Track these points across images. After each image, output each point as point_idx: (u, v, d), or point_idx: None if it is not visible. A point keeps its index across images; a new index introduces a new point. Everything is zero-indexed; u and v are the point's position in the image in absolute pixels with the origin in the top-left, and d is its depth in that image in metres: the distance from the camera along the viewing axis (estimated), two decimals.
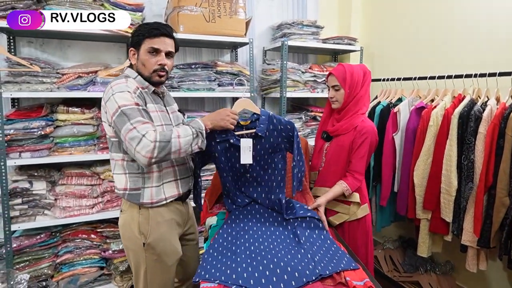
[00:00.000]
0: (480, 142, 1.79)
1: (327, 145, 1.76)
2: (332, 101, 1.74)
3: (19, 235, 2.11)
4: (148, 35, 1.35)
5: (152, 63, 1.37)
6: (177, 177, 1.47)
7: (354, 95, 1.67)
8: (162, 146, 1.22)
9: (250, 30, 2.65)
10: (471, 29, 2.18)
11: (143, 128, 1.22)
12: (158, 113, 1.40)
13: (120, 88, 1.30)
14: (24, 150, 2.01)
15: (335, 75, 1.67)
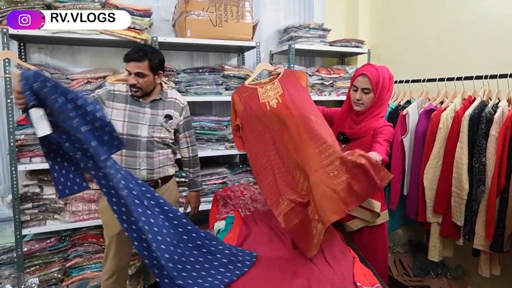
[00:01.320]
0: (492, 145, 1.76)
1: (344, 147, 1.65)
2: (356, 103, 1.60)
3: (29, 239, 2.14)
4: (124, 60, 1.71)
5: (126, 80, 1.74)
6: (122, 165, 1.66)
7: (380, 100, 1.58)
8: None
9: (257, 33, 2.66)
10: (481, 29, 2.15)
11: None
12: (126, 111, 1.73)
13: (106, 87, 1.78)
14: (34, 155, 2.04)
15: (369, 77, 1.54)
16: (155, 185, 1.80)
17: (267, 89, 1.64)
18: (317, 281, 1.17)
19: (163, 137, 1.79)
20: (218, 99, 2.42)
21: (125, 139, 1.70)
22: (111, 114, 1.70)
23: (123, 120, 1.72)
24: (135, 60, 1.68)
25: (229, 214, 1.78)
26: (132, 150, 1.73)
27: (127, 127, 1.71)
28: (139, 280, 2.32)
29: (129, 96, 1.75)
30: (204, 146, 2.45)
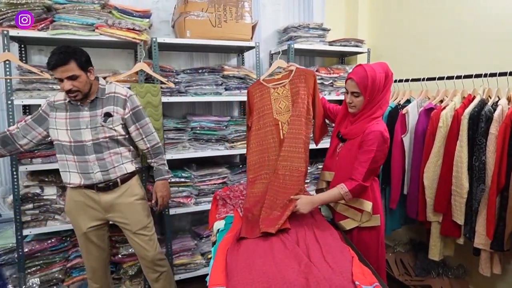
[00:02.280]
0: (492, 143, 1.75)
1: (340, 145, 1.69)
2: (349, 106, 1.63)
3: (30, 240, 2.15)
4: (49, 68, 1.62)
5: (61, 88, 1.66)
6: (78, 171, 1.74)
7: (373, 102, 1.57)
8: None
9: (257, 34, 2.66)
10: (480, 28, 2.15)
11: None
12: (67, 120, 1.72)
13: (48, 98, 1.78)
14: (35, 156, 2.05)
15: (355, 81, 1.54)
16: (114, 185, 1.79)
17: (279, 94, 1.83)
18: (316, 280, 1.17)
19: (109, 137, 1.73)
20: (218, 99, 2.42)
21: (73, 146, 1.71)
22: (55, 124, 1.71)
23: (66, 129, 1.71)
24: (61, 65, 1.58)
25: (229, 214, 1.78)
26: (82, 155, 1.72)
27: (71, 134, 1.70)
28: (140, 280, 2.32)
29: (67, 103, 1.72)
30: (204, 146, 2.45)
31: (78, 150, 1.72)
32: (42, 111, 1.74)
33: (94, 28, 2.07)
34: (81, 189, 1.77)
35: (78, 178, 1.75)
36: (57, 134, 1.72)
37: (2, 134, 1.72)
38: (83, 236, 1.83)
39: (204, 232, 2.55)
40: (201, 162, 2.56)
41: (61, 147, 1.73)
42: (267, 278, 1.19)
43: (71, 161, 1.73)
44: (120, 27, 2.09)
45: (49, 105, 1.74)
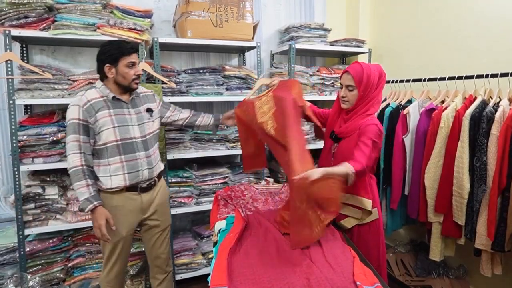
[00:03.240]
0: (493, 144, 1.75)
1: (335, 145, 1.68)
2: (342, 101, 1.64)
3: (32, 239, 2.15)
4: (124, 53, 1.67)
5: (131, 74, 1.69)
6: (125, 171, 1.71)
7: (366, 98, 1.58)
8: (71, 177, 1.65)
9: (258, 34, 2.66)
10: (481, 28, 2.15)
11: (70, 148, 1.64)
12: (112, 116, 1.68)
13: (74, 102, 1.67)
14: (36, 155, 2.05)
15: (351, 74, 1.57)
16: (154, 183, 1.83)
17: (261, 101, 1.75)
18: (317, 280, 1.17)
19: (152, 132, 1.81)
20: (219, 99, 2.42)
21: (121, 144, 1.69)
22: (98, 127, 1.65)
23: (113, 126, 1.68)
24: (136, 52, 1.72)
25: (230, 214, 1.78)
26: (131, 153, 1.72)
27: (119, 132, 1.68)
28: (141, 280, 2.33)
29: (108, 100, 1.70)
30: (205, 146, 2.45)
31: (127, 148, 1.70)
32: (82, 121, 1.63)
33: (96, 28, 2.07)
34: (122, 193, 1.73)
35: (122, 180, 1.71)
36: (102, 136, 1.66)
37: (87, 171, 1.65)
38: (121, 241, 1.78)
39: (205, 232, 2.56)
40: (202, 162, 2.56)
41: (104, 151, 1.68)
42: (269, 278, 1.20)
43: (117, 163, 1.69)
44: (122, 27, 2.09)
45: (86, 110, 1.64)
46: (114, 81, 1.70)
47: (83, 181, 1.62)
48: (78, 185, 1.61)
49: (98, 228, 1.62)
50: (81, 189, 1.61)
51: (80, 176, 1.61)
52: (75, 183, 1.62)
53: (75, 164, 1.62)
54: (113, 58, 1.66)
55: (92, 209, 1.61)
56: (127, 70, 1.68)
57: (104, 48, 1.68)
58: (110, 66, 1.67)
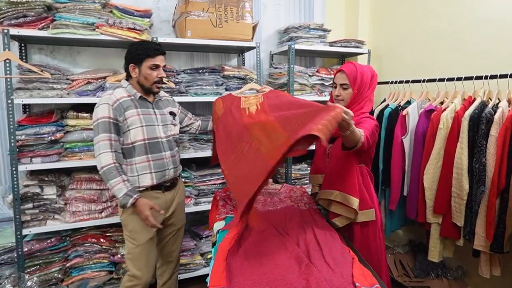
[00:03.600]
0: (492, 145, 1.76)
1: (330, 146, 1.68)
2: (337, 100, 1.64)
3: (30, 239, 2.14)
4: (149, 55, 1.67)
5: (153, 76, 1.70)
6: (152, 170, 1.73)
7: (360, 97, 1.62)
8: (105, 176, 1.62)
9: (257, 34, 2.66)
10: (481, 30, 2.15)
11: (101, 146, 1.61)
12: (140, 116, 1.69)
13: (103, 100, 1.65)
14: (35, 155, 2.04)
15: (346, 73, 1.60)
16: (176, 182, 1.90)
17: (249, 98, 1.76)
18: (316, 281, 1.17)
19: (173, 134, 1.85)
20: None
21: (148, 143, 1.71)
22: (127, 125, 1.66)
23: (141, 125, 1.69)
24: (162, 54, 1.71)
25: (229, 214, 1.78)
26: (158, 153, 1.74)
27: (146, 131, 1.70)
28: None
29: (135, 100, 1.71)
30: (204, 147, 2.45)
31: (153, 148, 1.72)
32: (113, 120, 1.64)
33: (95, 28, 2.06)
34: (147, 191, 1.74)
35: (149, 179, 1.73)
36: (130, 135, 1.67)
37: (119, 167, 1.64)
38: (149, 242, 1.77)
39: (203, 232, 2.55)
40: (201, 162, 2.55)
41: (132, 151, 1.69)
42: (268, 279, 1.19)
43: (144, 162, 1.71)
44: (121, 27, 2.09)
45: (116, 109, 1.64)
46: (137, 82, 1.72)
47: (119, 178, 1.60)
48: (114, 182, 1.59)
49: (146, 219, 1.63)
50: (118, 186, 1.59)
51: (115, 173, 1.60)
52: (110, 180, 1.59)
53: (107, 162, 1.60)
54: (138, 58, 1.67)
55: (134, 202, 1.60)
56: (150, 72, 1.68)
57: (131, 47, 1.71)
58: (134, 66, 1.69)
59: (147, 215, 1.62)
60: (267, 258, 1.33)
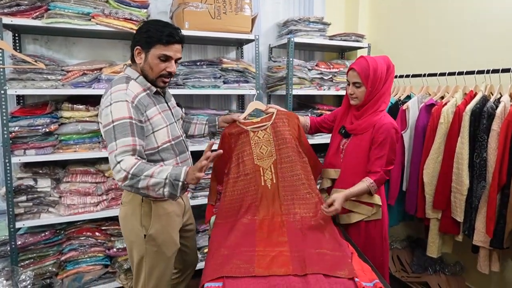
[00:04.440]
0: (493, 140, 1.73)
1: (345, 141, 1.66)
2: (351, 98, 1.61)
3: (23, 233, 2.11)
4: (161, 41, 1.33)
5: (160, 68, 1.37)
6: None
7: (376, 93, 1.55)
8: (133, 179, 1.22)
9: (256, 27, 2.62)
10: (483, 23, 2.12)
11: (121, 153, 1.24)
12: (161, 114, 1.42)
13: (118, 97, 1.29)
14: (28, 147, 2.00)
15: (357, 71, 1.54)
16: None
17: (259, 138, 1.69)
18: (315, 277, 1.15)
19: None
20: (216, 93, 2.38)
21: (174, 144, 1.45)
22: (151, 127, 1.37)
23: (166, 125, 1.41)
24: (179, 42, 1.36)
25: None
26: (184, 153, 1.51)
27: (170, 130, 1.43)
28: None
29: (151, 95, 1.41)
30: (201, 140, 2.42)
31: (179, 147, 1.47)
32: (136, 121, 1.29)
33: (90, 18, 2.02)
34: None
35: None
36: (156, 139, 1.38)
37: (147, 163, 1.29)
38: (171, 257, 1.52)
39: (200, 226, 2.52)
40: (197, 156, 2.51)
41: (157, 155, 1.41)
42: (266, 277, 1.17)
43: (173, 165, 1.44)
44: (117, 17, 2.04)
45: (136, 107, 1.31)
46: (141, 69, 1.39)
47: (154, 167, 1.23)
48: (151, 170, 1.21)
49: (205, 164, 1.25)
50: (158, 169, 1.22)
51: (147, 166, 1.23)
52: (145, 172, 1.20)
53: (131, 162, 1.22)
54: (147, 41, 1.33)
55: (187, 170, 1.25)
56: (157, 62, 1.35)
57: (143, 26, 1.37)
58: (141, 50, 1.36)
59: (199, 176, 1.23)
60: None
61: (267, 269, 1.20)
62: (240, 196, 1.62)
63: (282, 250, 1.31)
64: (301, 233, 1.44)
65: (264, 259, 1.25)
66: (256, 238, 1.39)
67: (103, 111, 1.30)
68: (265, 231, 1.45)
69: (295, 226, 1.49)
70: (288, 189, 1.61)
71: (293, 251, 1.30)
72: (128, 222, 1.45)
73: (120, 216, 1.51)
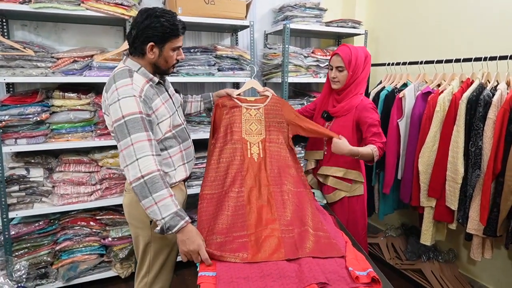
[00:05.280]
0: (489, 128, 1.73)
1: (327, 124, 1.78)
2: (333, 81, 1.74)
3: (17, 223, 2.10)
4: (175, 35, 1.37)
5: (174, 59, 1.43)
6: (185, 161, 1.52)
7: (356, 78, 1.70)
8: (142, 188, 1.22)
9: (251, 12, 2.56)
10: (481, 11, 2.09)
11: (138, 149, 1.24)
12: (165, 104, 1.42)
13: (125, 92, 1.28)
14: (20, 136, 1.97)
15: (341, 56, 1.67)
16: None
17: (251, 116, 1.72)
18: (308, 266, 1.15)
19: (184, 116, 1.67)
20: (210, 80, 2.34)
21: (175, 132, 1.46)
22: (157, 118, 1.37)
23: (169, 115, 1.42)
24: (183, 33, 1.43)
25: None
26: (186, 141, 1.53)
27: (172, 121, 1.44)
28: (131, 263, 2.30)
29: (154, 86, 1.41)
30: (196, 129, 2.39)
31: (181, 135, 1.49)
32: (145, 115, 1.30)
33: (80, 2, 1.96)
34: (178, 185, 1.51)
35: (183, 171, 1.50)
36: (161, 129, 1.40)
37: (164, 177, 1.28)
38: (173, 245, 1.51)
39: (195, 215, 2.52)
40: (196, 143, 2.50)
41: (162, 143, 1.42)
42: (259, 264, 1.17)
43: (178, 153, 1.47)
44: (108, 2, 1.98)
45: (144, 100, 1.32)
46: (154, 63, 1.40)
47: (165, 190, 1.23)
48: (160, 196, 1.21)
49: (197, 251, 1.22)
50: (164, 201, 1.22)
51: (160, 184, 1.23)
52: (154, 193, 1.21)
53: (150, 169, 1.22)
54: (162, 37, 1.34)
55: (184, 226, 1.24)
56: (172, 54, 1.40)
57: (151, 22, 1.32)
58: (154, 45, 1.35)
59: (200, 245, 1.22)
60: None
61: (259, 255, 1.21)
62: (226, 164, 1.60)
63: (273, 229, 1.32)
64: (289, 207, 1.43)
65: (256, 244, 1.26)
66: (246, 218, 1.38)
67: (111, 107, 1.28)
68: (254, 208, 1.43)
69: (282, 199, 1.48)
70: (275, 164, 1.62)
71: (284, 231, 1.31)
72: (133, 208, 1.45)
73: (125, 203, 1.50)
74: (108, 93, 1.32)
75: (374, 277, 1.10)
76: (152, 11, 1.34)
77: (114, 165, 2.19)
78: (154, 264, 1.50)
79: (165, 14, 1.35)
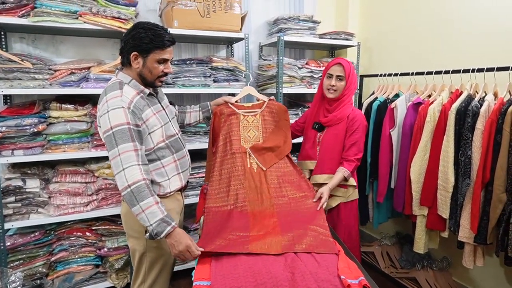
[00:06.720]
0: (478, 138, 1.77)
1: (319, 135, 1.86)
2: (330, 90, 1.81)
3: (12, 234, 2.10)
4: (159, 46, 1.39)
5: (159, 70, 1.45)
6: (179, 170, 1.55)
7: (350, 89, 1.81)
8: (130, 197, 1.30)
9: (246, 25, 2.62)
10: (469, 23, 2.15)
11: (125, 159, 1.31)
12: (156, 115, 1.46)
13: (114, 104, 1.34)
14: (16, 147, 1.99)
15: (343, 66, 1.78)
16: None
17: (248, 122, 1.79)
18: (302, 274, 1.17)
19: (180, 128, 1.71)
20: (206, 92, 2.39)
21: (169, 142, 1.50)
22: (147, 129, 1.41)
23: (160, 125, 1.46)
24: (173, 44, 1.44)
25: None
26: (181, 151, 1.56)
27: (165, 130, 1.48)
28: (126, 274, 2.30)
29: (145, 97, 1.44)
30: (192, 139, 2.42)
31: (175, 145, 1.52)
32: (133, 126, 1.34)
33: (78, 16, 2.00)
34: (173, 195, 1.55)
35: (178, 180, 1.54)
36: (152, 139, 1.43)
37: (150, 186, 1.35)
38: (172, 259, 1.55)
39: (191, 225, 2.53)
40: (192, 154, 2.52)
41: (154, 155, 1.45)
42: (253, 272, 1.19)
43: (171, 162, 1.50)
44: (105, 16, 2.03)
45: (133, 112, 1.36)
46: (138, 73, 1.44)
47: (151, 198, 1.30)
48: (146, 204, 1.28)
49: (186, 250, 1.31)
50: (150, 209, 1.29)
51: (146, 192, 1.29)
52: (140, 202, 1.28)
53: (136, 179, 1.29)
54: (145, 48, 1.38)
55: (171, 231, 1.31)
56: (156, 65, 1.42)
57: (137, 32, 1.38)
58: (138, 55, 1.40)
59: (190, 245, 1.31)
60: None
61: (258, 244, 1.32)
62: (228, 176, 1.67)
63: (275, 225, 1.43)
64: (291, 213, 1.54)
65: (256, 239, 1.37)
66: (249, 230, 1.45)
67: (101, 118, 1.35)
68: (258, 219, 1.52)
69: (285, 207, 1.58)
70: (274, 174, 1.70)
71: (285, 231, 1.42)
72: (129, 218, 1.47)
73: (122, 212, 1.55)
74: (99, 105, 1.39)
75: (366, 285, 1.12)
76: (142, 24, 1.42)
77: (110, 176, 2.20)
78: (149, 274, 1.52)
79: (153, 27, 1.40)
